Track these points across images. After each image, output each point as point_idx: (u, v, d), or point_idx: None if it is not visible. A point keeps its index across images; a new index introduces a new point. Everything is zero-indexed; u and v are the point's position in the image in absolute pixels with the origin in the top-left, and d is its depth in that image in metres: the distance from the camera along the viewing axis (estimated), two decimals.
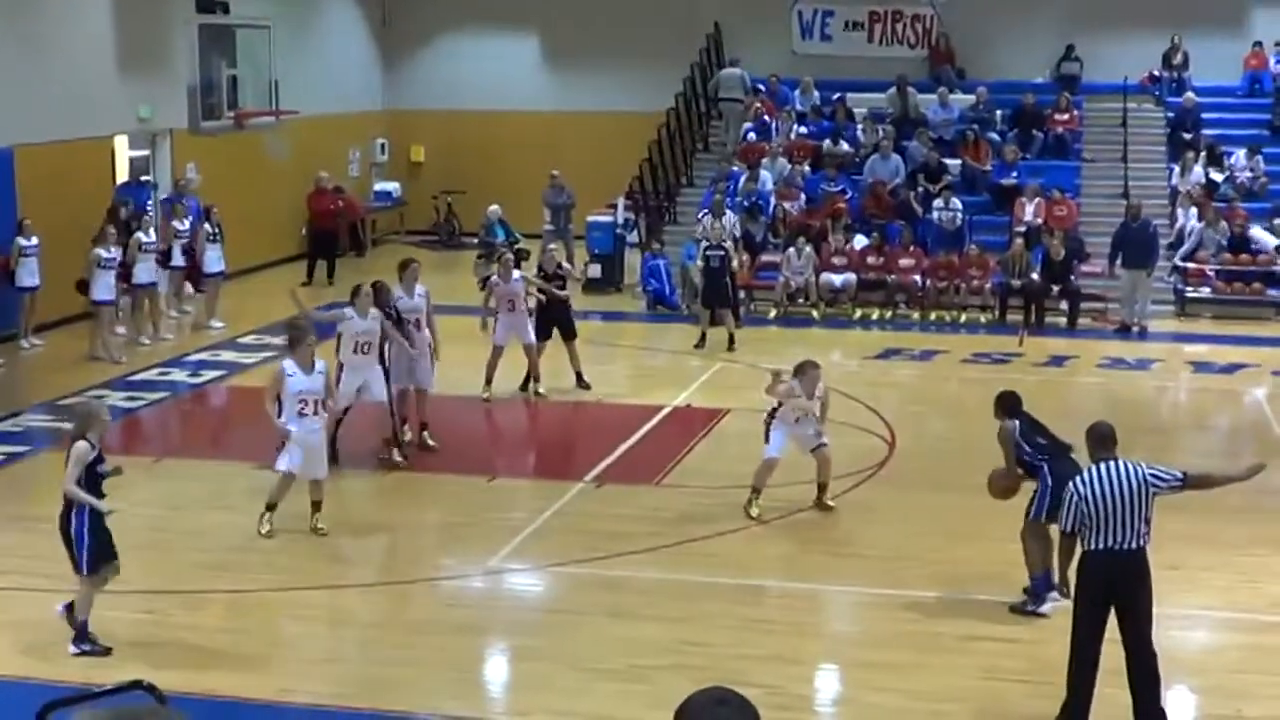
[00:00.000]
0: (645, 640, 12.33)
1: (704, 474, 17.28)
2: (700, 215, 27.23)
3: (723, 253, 23.80)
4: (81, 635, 11.98)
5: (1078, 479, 10.75)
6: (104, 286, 22.39)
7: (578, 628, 12.75)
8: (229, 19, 28.08)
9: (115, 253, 22.68)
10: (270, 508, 14.74)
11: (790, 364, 19.06)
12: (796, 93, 31.65)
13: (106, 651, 11.88)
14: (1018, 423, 13.14)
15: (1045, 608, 12.71)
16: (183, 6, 27.38)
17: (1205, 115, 30.08)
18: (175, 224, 24.81)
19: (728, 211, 26.59)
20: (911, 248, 26.82)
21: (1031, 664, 11.91)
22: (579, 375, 20.57)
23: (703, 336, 23.35)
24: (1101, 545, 10.50)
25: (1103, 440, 10.91)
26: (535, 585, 14.20)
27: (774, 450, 15.45)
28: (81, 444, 11.85)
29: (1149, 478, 10.57)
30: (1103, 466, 10.66)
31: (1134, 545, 10.51)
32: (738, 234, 26.32)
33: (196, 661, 11.82)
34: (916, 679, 11.70)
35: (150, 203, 26.94)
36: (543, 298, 20.49)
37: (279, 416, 14.57)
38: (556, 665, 11.93)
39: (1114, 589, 10.58)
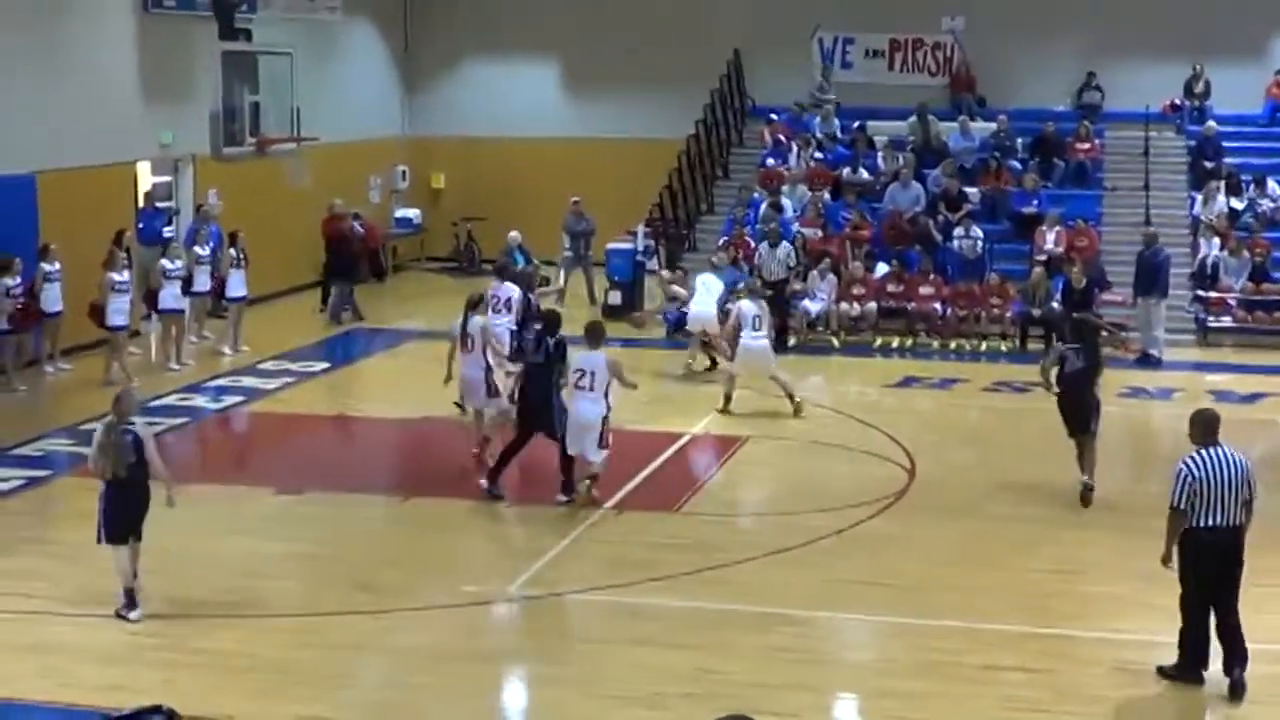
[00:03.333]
0: (666, 668, 12.28)
1: (723, 501, 17.26)
2: (753, 246, 26.83)
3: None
4: (132, 602, 13.16)
5: (1187, 459, 11.82)
6: (117, 311, 22.44)
7: (598, 655, 12.71)
8: (251, 46, 28.07)
9: (127, 276, 22.72)
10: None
11: (806, 394, 19.18)
12: (816, 119, 31.65)
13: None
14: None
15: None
16: (205, 34, 27.40)
17: (1227, 144, 30.05)
18: (197, 249, 24.87)
19: (783, 241, 26.27)
20: (931, 276, 26.80)
21: (1052, 694, 11.85)
22: None
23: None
24: (1209, 523, 11.68)
25: (1208, 426, 12.02)
26: (555, 612, 14.16)
27: None
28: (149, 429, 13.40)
29: (1248, 465, 11.88)
30: (1211, 451, 11.81)
31: (1235, 523, 11.75)
32: (793, 263, 26.18)
33: (214, 686, 11.78)
34: (936, 708, 11.64)
35: (171, 228, 27.04)
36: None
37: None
38: (576, 692, 11.89)
39: (1220, 561, 11.77)
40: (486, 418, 18.33)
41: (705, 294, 23.42)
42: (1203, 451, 11.86)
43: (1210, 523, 11.71)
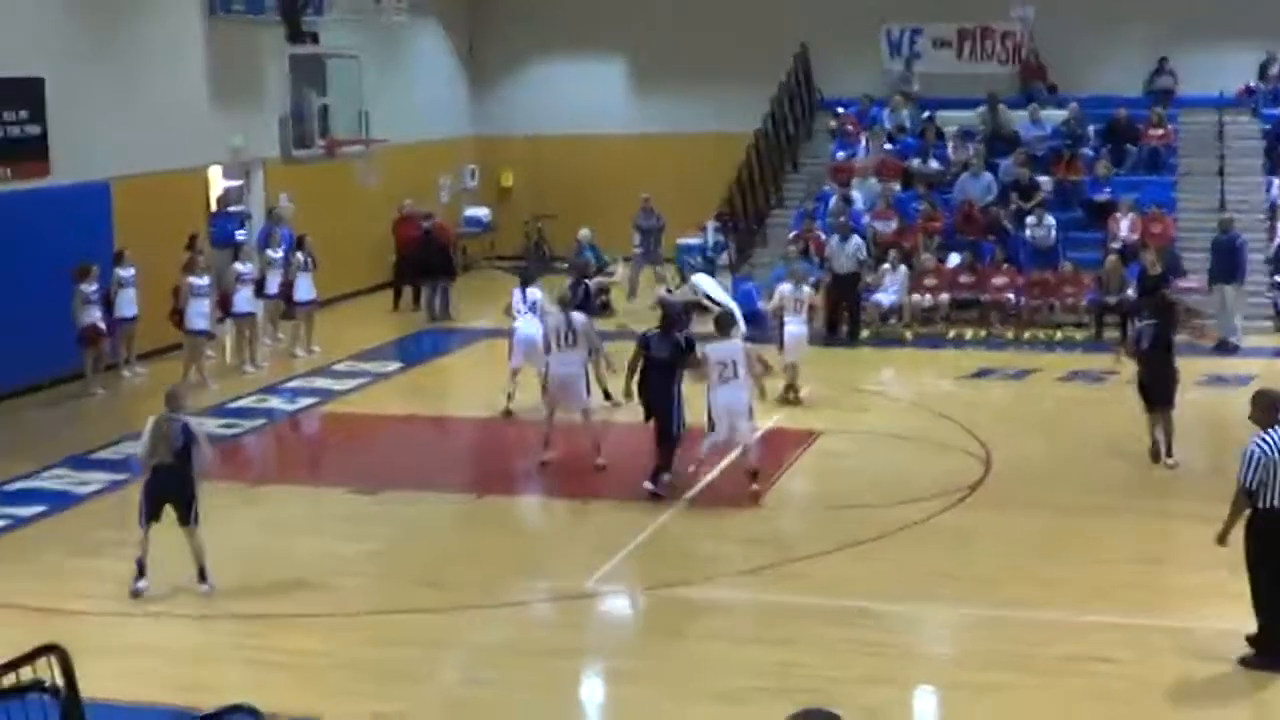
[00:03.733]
0: (743, 662, 12.26)
1: (798, 495, 17.22)
2: (823, 239, 26.88)
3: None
4: (204, 576, 13.86)
5: (1258, 440, 11.84)
6: (198, 315, 22.63)
7: (675, 650, 12.70)
8: (319, 49, 28.33)
9: (206, 280, 22.92)
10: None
11: (880, 386, 19.11)
12: (885, 111, 31.52)
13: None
14: None
15: None
16: (274, 38, 27.65)
17: None
18: (269, 252, 25.03)
19: (853, 235, 26.26)
20: (1005, 265, 26.62)
21: (1133, 685, 11.74)
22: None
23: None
24: (1277, 504, 11.75)
25: (1271, 406, 12.11)
26: (632, 607, 14.18)
27: None
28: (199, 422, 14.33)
29: None
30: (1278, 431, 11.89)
31: None
32: (863, 257, 26.14)
33: (293, 684, 11.87)
34: (1015, 700, 11.56)
35: (243, 232, 27.23)
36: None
37: None
38: (654, 688, 11.88)
39: None
40: (588, 417, 18.30)
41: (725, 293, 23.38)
42: (1272, 432, 11.87)
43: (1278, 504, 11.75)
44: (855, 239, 26.01)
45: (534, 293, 20.72)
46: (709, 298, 24.25)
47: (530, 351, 19.93)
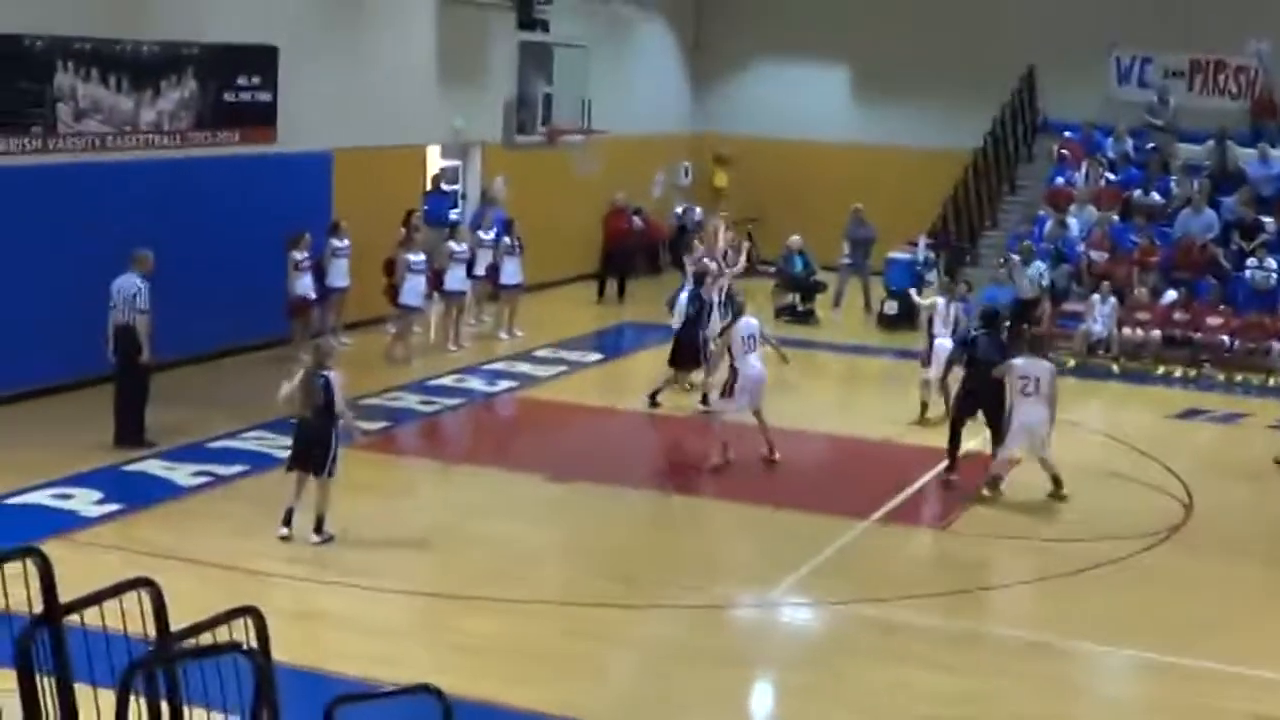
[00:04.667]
0: (925, 688, 12.10)
1: (991, 522, 16.94)
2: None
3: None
4: (320, 527, 14.48)
5: None
6: (411, 291, 22.96)
7: (856, 669, 12.57)
8: (548, 38, 28.58)
9: (422, 257, 23.23)
10: None
11: (1086, 420, 18.71)
12: (1110, 139, 30.95)
13: (333, 538, 14.46)
14: None
15: None
16: (504, 24, 27.94)
17: None
18: (480, 234, 25.30)
19: (1035, 259, 26.05)
20: (1221, 306, 25.99)
21: None
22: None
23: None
24: None
25: None
26: (815, 621, 14.08)
27: None
28: (341, 376, 14.68)
29: None
30: None
31: None
32: (1045, 282, 25.79)
33: (474, 667, 11.96)
34: None
35: (456, 212, 27.57)
36: None
37: None
38: (833, 706, 11.77)
39: None
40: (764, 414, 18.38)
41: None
42: None
43: None
44: (1037, 263, 25.90)
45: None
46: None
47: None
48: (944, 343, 20.72)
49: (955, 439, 18.03)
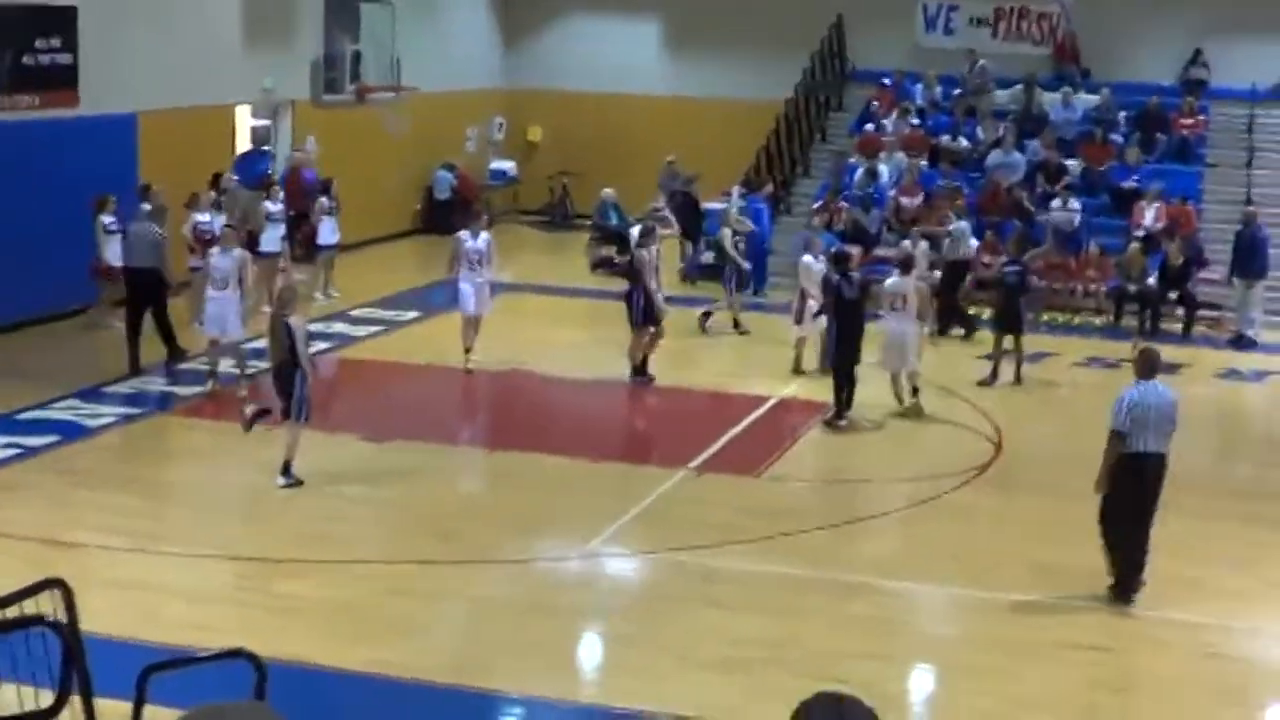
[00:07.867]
0: (742, 631, 12.30)
1: (805, 468, 17.23)
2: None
3: (1019, 268, 21.87)
4: (287, 470, 15.20)
5: (1133, 389, 12.84)
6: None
7: (675, 615, 12.73)
8: None
9: (208, 217, 22.41)
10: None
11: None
12: (919, 87, 31.39)
13: (300, 483, 15.23)
14: None
15: None
16: None
17: None
18: (268, 204, 24.81)
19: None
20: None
21: (1127, 676, 11.80)
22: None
23: (994, 371, 21.32)
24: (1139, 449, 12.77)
25: (1150, 363, 13.24)
26: (633, 570, 14.21)
27: None
28: (301, 321, 15.41)
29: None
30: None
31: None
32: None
33: (288, 629, 11.91)
34: (1010, 684, 11.59)
35: (270, 171, 27.23)
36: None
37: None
38: (652, 652, 11.92)
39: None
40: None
41: None
42: (1144, 383, 12.96)
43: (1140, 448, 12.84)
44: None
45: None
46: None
47: None
48: (814, 304, 20.73)
49: (840, 385, 18.25)
